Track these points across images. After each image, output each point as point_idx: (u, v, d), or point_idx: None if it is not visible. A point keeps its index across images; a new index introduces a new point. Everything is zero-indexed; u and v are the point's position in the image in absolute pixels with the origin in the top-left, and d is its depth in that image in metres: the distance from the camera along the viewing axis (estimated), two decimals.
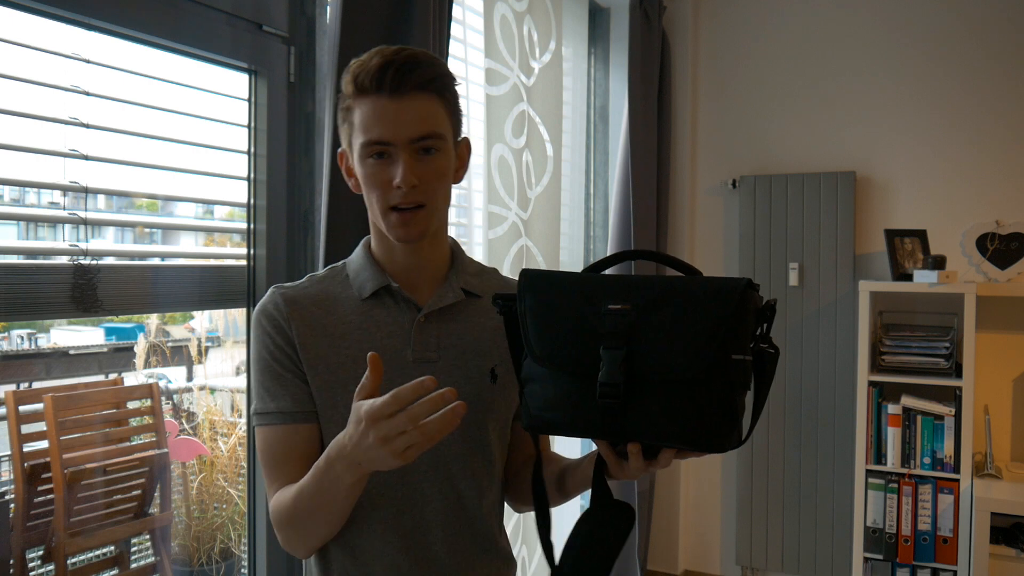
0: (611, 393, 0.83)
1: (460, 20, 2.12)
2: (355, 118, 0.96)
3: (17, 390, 2.24)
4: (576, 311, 0.88)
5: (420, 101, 0.94)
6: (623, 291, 0.87)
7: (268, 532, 1.59)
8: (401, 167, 0.93)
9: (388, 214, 0.96)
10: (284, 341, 1.00)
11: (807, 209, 3.04)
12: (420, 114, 0.94)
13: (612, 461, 0.91)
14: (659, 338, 0.83)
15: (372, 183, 0.96)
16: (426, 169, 0.95)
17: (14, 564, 1.77)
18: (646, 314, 0.84)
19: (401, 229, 0.96)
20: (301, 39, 1.62)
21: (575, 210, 2.98)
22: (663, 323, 0.83)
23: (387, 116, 0.93)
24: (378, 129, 0.93)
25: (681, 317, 0.83)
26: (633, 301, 0.85)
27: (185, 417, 2.77)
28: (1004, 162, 2.84)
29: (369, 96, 0.93)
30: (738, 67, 3.26)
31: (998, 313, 2.80)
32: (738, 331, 0.83)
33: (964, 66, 2.89)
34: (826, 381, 2.99)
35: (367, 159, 0.95)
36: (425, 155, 0.95)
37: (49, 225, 1.39)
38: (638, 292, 0.86)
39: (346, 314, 1.01)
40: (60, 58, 1.21)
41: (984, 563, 2.45)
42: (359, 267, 1.05)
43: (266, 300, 1.03)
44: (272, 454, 0.99)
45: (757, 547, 3.14)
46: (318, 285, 1.05)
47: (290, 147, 1.61)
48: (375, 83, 0.92)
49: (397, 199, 0.95)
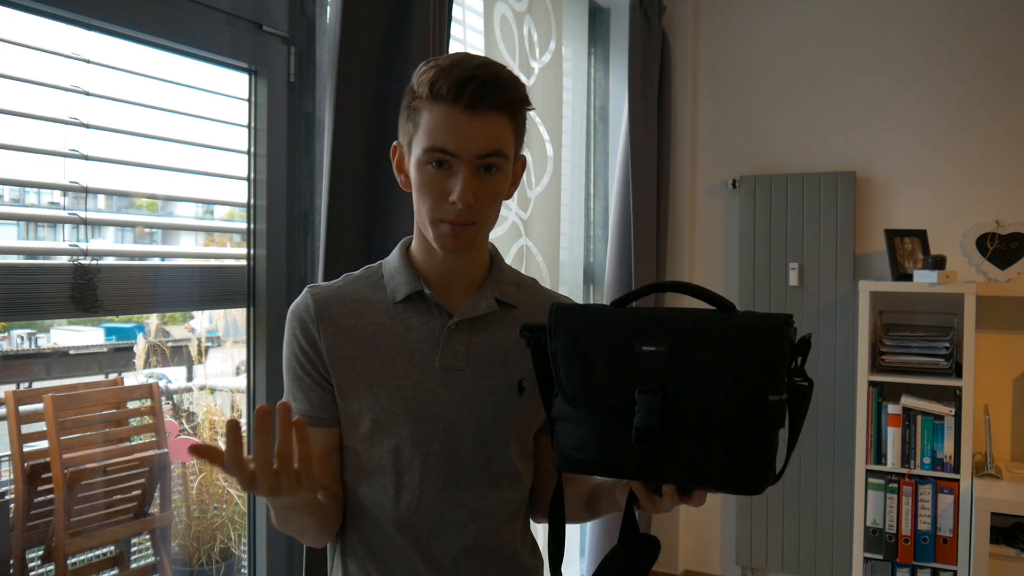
0: (647, 438, 0.82)
1: (460, 20, 2.12)
2: (422, 120, 0.93)
3: (17, 390, 2.23)
4: (609, 352, 0.86)
5: (494, 121, 0.92)
6: (656, 330, 0.84)
7: (268, 532, 1.59)
8: (461, 183, 0.91)
9: (438, 224, 0.95)
10: (309, 344, 1.00)
11: (807, 209, 3.04)
12: (491, 133, 0.92)
13: (643, 496, 0.89)
14: (696, 381, 0.82)
15: (427, 191, 0.94)
16: (484, 187, 0.93)
17: (14, 564, 1.77)
18: (682, 356, 0.83)
19: (449, 241, 0.95)
20: (301, 39, 1.62)
21: (575, 210, 2.98)
22: (700, 365, 0.82)
23: (458, 129, 0.91)
24: (445, 138, 0.91)
25: (718, 359, 0.81)
26: (667, 342, 0.83)
27: (185, 417, 2.77)
28: (1004, 162, 2.84)
29: (443, 104, 0.91)
30: (738, 67, 3.26)
31: (998, 313, 2.80)
32: (776, 372, 0.81)
33: (964, 66, 2.89)
34: (826, 381, 2.99)
35: (426, 165, 0.93)
36: (485, 173, 0.93)
37: (49, 225, 1.39)
38: (672, 332, 0.84)
39: (377, 316, 1.01)
40: (60, 58, 1.21)
41: (984, 563, 2.45)
42: (394, 270, 1.04)
43: (298, 301, 1.03)
44: None
45: (757, 547, 3.14)
46: (352, 285, 1.04)
47: (290, 147, 1.61)
48: (453, 93, 0.90)
49: (452, 215, 0.93)
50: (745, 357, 0.80)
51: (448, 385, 0.99)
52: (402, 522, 0.99)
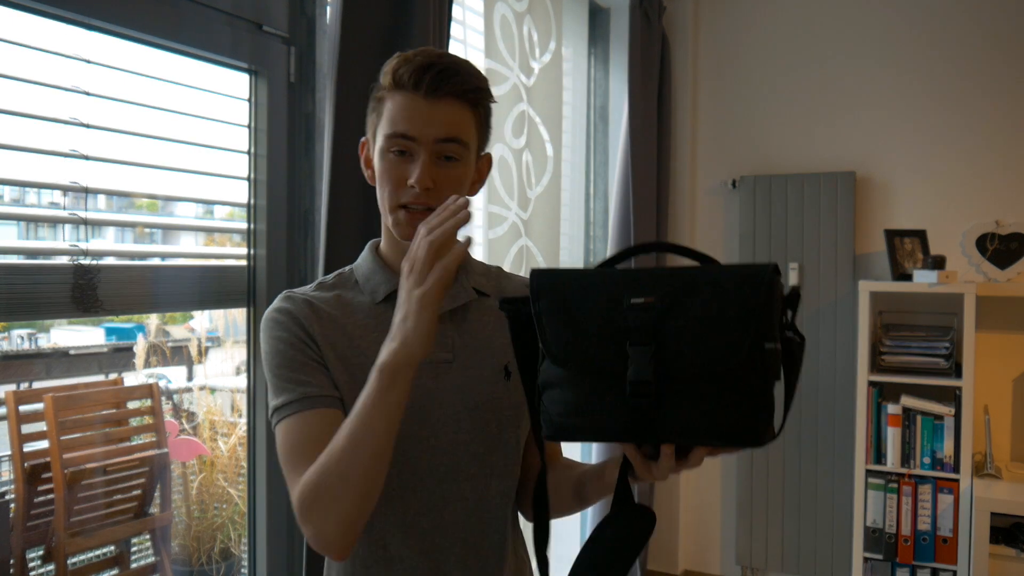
0: (642, 392, 0.78)
1: (460, 20, 2.12)
2: (385, 109, 0.96)
3: (17, 390, 2.24)
4: (597, 307, 0.82)
5: (453, 107, 0.94)
6: (645, 284, 0.81)
7: (268, 532, 1.59)
8: (419, 167, 0.93)
9: (396, 211, 0.96)
10: (304, 334, 0.96)
11: (807, 209, 3.04)
12: (450, 118, 0.94)
13: (639, 463, 0.86)
14: (690, 331, 0.78)
15: (387, 178, 0.96)
16: (443, 175, 0.95)
17: (14, 564, 1.77)
18: (673, 306, 0.79)
19: (407, 228, 0.96)
20: (301, 39, 1.62)
21: (575, 210, 2.98)
22: (692, 315, 0.78)
23: (418, 114, 0.93)
24: (405, 124, 0.93)
25: (711, 307, 0.78)
26: (657, 293, 0.80)
27: (185, 417, 2.77)
28: (1004, 162, 2.84)
29: (405, 92, 0.94)
30: (738, 67, 3.26)
31: (998, 313, 2.80)
32: (770, 318, 0.78)
33: (964, 66, 2.89)
34: (826, 381, 2.99)
35: (388, 152, 0.95)
36: (445, 162, 0.95)
37: (49, 225, 1.39)
38: (661, 284, 0.80)
39: (361, 318, 1.00)
40: (61, 58, 1.21)
41: (984, 563, 2.45)
42: (369, 272, 1.04)
43: (279, 302, 1.00)
44: (298, 442, 0.91)
45: (757, 547, 3.14)
46: (329, 291, 1.03)
47: (290, 147, 1.61)
48: (413, 80, 0.93)
49: (408, 198, 0.95)
50: (739, 302, 0.77)
51: (439, 378, 0.99)
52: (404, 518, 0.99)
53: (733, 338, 0.77)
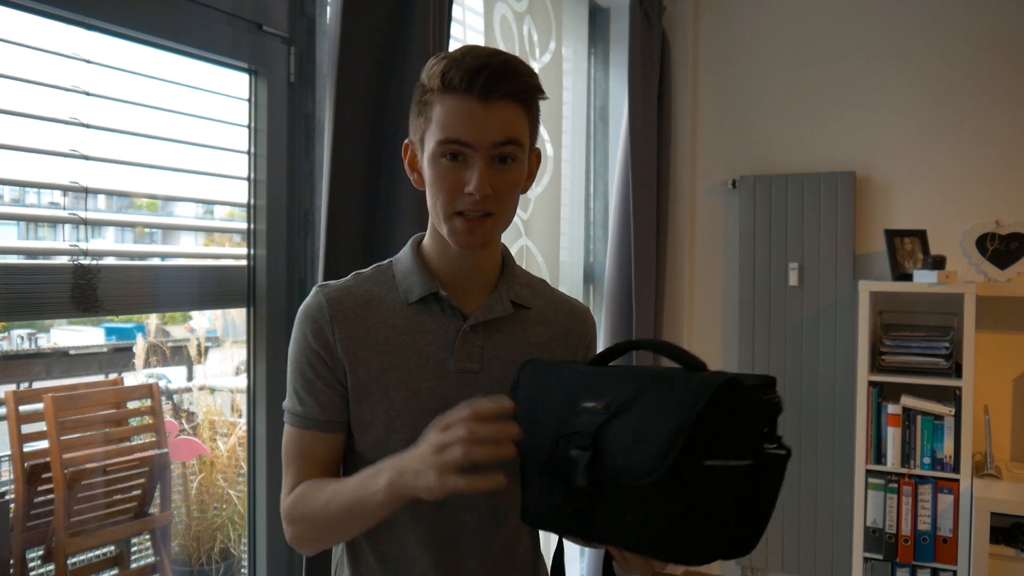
0: (576, 496, 0.80)
1: (460, 20, 2.12)
2: (434, 113, 0.91)
3: (17, 390, 2.23)
4: (555, 408, 0.85)
5: (508, 109, 0.90)
6: (603, 387, 0.83)
7: (268, 532, 1.59)
8: (477, 174, 0.89)
9: (453, 219, 0.92)
10: (322, 346, 0.96)
11: (807, 209, 3.04)
12: (506, 122, 0.90)
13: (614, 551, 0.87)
14: (624, 440, 0.78)
15: (442, 185, 0.91)
16: (501, 179, 0.91)
17: (14, 564, 1.77)
18: (620, 413, 0.79)
19: (465, 236, 0.93)
20: (301, 39, 1.62)
21: (575, 210, 2.98)
22: (630, 424, 0.78)
23: (473, 118, 0.89)
24: (460, 129, 0.89)
25: (649, 417, 0.77)
26: (608, 399, 0.81)
27: (185, 417, 2.77)
28: (1004, 162, 2.84)
29: (456, 95, 0.89)
30: (738, 67, 3.26)
31: (998, 313, 2.80)
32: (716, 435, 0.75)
33: (964, 66, 2.89)
34: (826, 381, 2.99)
35: (440, 158, 0.91)
36: (501, 164, 0.91)
37: (49, 225, 1.39)
38: (617, 388, 0.81)
39: (390, 318, 0.98)
40: (61, 58, 1.21)
41: (984, 563, 2.45)
42: (407, 269, 1.01)
43: (309, 300, 1.00)
44: (293, 451, 1.00)
45: (757, 547, 3.14)
46: (363, 285, 1.01)
47: (290, 147, 1.61)
48: (465, 83, 0.88)
49: (466, 205, 0.91)
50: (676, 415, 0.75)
51: (463, 388, 0.97)
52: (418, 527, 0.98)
53: (662, 452, 0.75)
